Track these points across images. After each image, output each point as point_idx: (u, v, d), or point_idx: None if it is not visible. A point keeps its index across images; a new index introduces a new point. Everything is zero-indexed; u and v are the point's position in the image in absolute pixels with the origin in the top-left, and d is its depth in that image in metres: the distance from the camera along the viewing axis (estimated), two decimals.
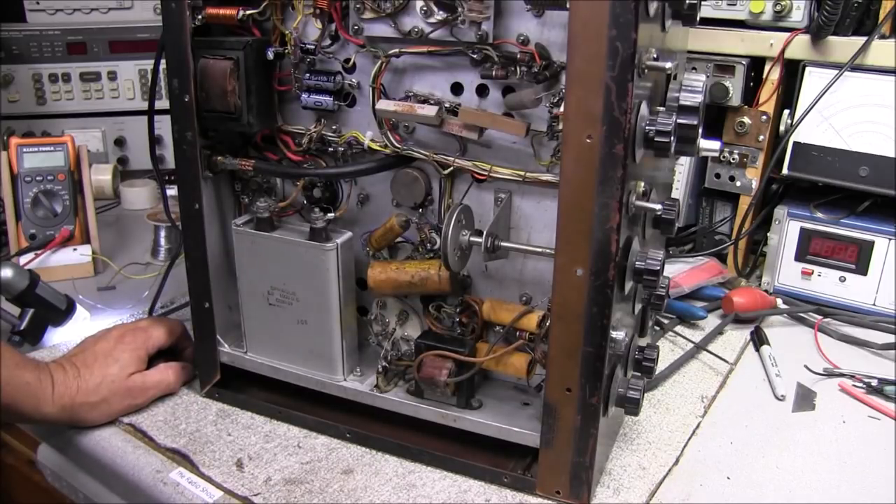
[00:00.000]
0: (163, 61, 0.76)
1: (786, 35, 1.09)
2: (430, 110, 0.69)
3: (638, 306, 0.77)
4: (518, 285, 0.76)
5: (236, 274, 0.82)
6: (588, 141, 0.60)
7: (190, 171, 0.78)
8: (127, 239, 1.32)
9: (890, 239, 1.07)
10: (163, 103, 0.79)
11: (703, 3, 1.06)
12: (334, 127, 0.77)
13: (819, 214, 1.12)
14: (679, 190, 1.23)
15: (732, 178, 1.19)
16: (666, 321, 1.07)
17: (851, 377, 0.94)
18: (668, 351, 1.00)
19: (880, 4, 1.05)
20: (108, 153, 1.57)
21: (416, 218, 0.78)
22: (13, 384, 0.74)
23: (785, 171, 1.12)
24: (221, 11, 0.74)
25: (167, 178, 1.05)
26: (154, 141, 0.90)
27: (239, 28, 0.76)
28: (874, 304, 1.10)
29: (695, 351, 0.99)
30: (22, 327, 0.95)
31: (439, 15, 0.67)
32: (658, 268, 0.66)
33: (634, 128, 0.60)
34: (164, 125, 0.79)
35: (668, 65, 0.62)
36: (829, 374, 0.95)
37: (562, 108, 0.62)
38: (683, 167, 1.23)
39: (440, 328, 0.79)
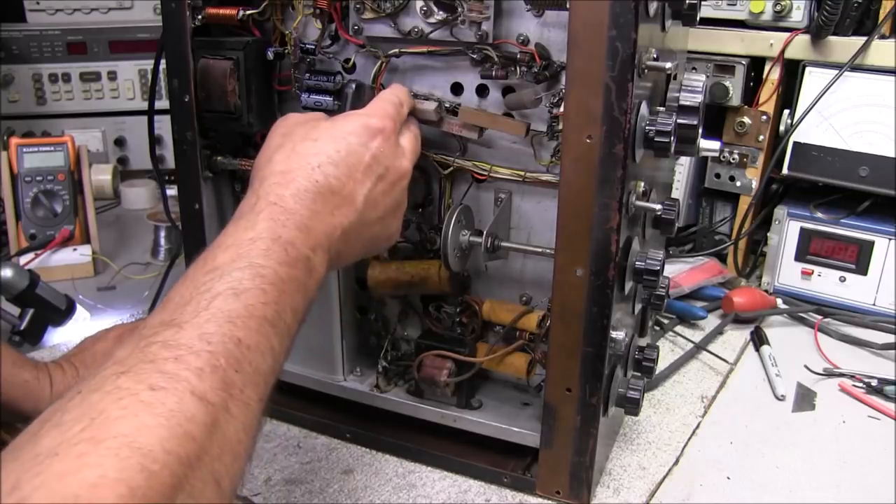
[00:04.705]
0: (163, 61, 0.76)
1: (786, 35, 1.09)
2: (428, 105, 0.69)
3: (638, 306, 0.77)
4: (518, 285, 0.76)
5: None
6: (588, 141, 0.60)
7: (190, 171, 0.77)
8: (127, 239, 1.32)
9: (890, 239, 1.07)
10: (163, 103, 0.79)
11: (703, 3, 1.06)
12: None
13: (819, 214, 1.12)
14: (679, 190, 1.23)
15: (732, 178, 1.19)
16: (666, 321, 1.07)
17: (851, 377, 0.94)
18: (668, 351, 1.00)
19: (880, 4, 1.05)
20: (108, 153, 1.57)
21: (416, 218, 0.78)
22: (11, 383, 0.73)
23: (785, 171, 1.12)
24: (221, 11, 0.73)
25: (167, 178, 1.05)
26: (154, 141, 0.90)
27: (239, 28, 0.75)
28: (874, 304, 1.10)
29: (695, 351, 0.99)
30: (22, 327, 0.95)
31: (439, 15, 0.67)
32: (658, 268, 0.66)
33: (634, 128, 0.60)
34: (164, 125, 0.79)
35: (668, 65, 0.62)
36: (829, 374, 0.95)
37: (562, 108, 0.62)
38: (683, 167, 1.23)
39: (440, 328, 0.79)
